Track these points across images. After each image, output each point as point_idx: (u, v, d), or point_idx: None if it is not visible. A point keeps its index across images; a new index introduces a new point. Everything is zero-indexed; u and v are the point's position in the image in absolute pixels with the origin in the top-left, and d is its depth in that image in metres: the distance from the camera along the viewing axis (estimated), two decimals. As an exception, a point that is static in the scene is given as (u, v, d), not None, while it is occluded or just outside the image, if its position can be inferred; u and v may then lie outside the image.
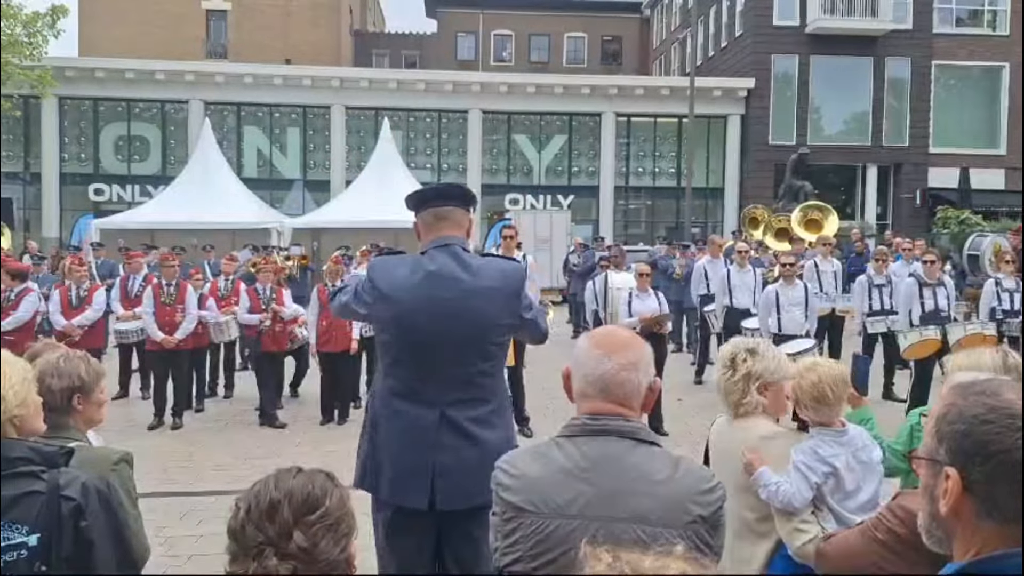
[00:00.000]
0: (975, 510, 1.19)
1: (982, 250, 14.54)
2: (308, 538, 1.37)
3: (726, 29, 29.07)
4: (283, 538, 1.36)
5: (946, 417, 1.23)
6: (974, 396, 1.22)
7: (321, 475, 1.47)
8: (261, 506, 1.38)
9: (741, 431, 2.71)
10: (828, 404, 2.66)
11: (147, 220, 18.57)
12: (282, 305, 8.59)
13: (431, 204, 2.87)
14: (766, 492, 2.58)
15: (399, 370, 2.77)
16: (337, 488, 1.47)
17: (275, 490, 1.40)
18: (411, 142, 26.41)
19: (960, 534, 1.22)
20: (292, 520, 1.37)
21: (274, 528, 1.36)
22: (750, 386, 2.68)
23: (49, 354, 2.29)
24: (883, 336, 9.28)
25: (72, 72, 24.03)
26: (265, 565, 1.34)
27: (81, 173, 25.46)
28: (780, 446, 2.65)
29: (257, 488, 1.41)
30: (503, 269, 2.87)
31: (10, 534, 1.82)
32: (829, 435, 2.67)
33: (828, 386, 2.65)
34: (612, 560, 1.09)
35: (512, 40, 41.24)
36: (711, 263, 11.13)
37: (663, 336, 8.13)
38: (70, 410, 2.27)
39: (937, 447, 1.24)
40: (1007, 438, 1.16)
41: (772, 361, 2.70)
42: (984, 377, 1.38)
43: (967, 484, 1.18)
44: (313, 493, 1.41)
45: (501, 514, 1.75)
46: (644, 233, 26.71)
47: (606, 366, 1.77)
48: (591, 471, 1.71)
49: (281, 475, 1.44)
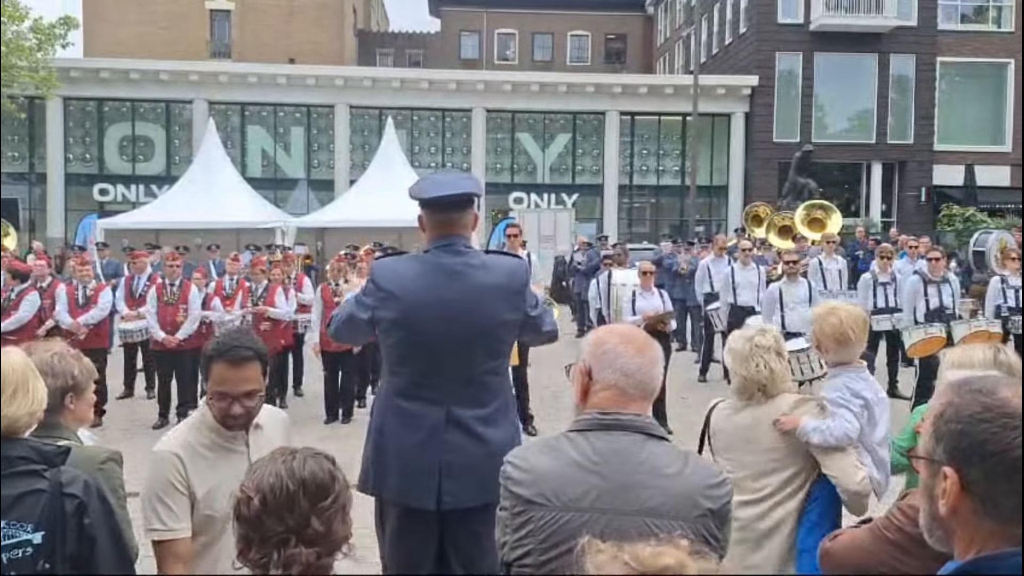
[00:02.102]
0: (974, 509, 1.17)
1: (988, 247, 14.49)
2: (323, 523, 1.49)
3: (730, 27, 29.02)
4: (303, 526, 1.46)
5: (943, 416, 1.22)
6: (970, 394, 1.21)
7: (323, 458, 1.58)
8: (279, 498, 1.47)
9: (764, 409, 2.85)
10: (849, 344, 2.88)
11: (151, 220, 18.60)
12: (273, 304, 8.56)
13: (438, 209, 2.82)
14: (819, 435, 2.74)
15: (404, 369, 2.76)
16: (339, 471, 1.59)
17: (290, 481, 1.48)
18: (415, 141, 26.42)
19: (960, 533, 1.21)
20: (309, 508, 1.47)
21: (294, 518, 1.46)
22: (780, 363, 2.85)
23: (42, 353, 2.28)
24: (887, 334, 9.26)
25: (76, 73, 24.08)
26: (291, 554, 1.44)
27: (86, 173, 25.53)
28: (811, 406, 2.85)
29: (270, 480, 1.49)
30: (507, 266, 2.86)
31: (14, 532, 1.82)
32: (853, 372, 2.90)
33: (849, 327, 2.86)
34: (615, 552, 1.10)
35: (516, 39, 41.22)
36: (714, 261, 11.12)
37: (667, 334, 8.13)
38: (62, 409, 2.27)
39: (935, 446, 1.23)
40: (1004, 437, 1.14)
41: (777, 336, 2.93)
42: (978, 374, 1.37)
43: (965, 483, 1.17)
44: (324, 480, 1.52)
45: (511, 508, 1.75)
46: (648, 231, 26.70)
47: (640, 361, 1.81)
48: (602, 465, 1.72)
49: (291, 465, 1.52)
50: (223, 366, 2.29)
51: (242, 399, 2.30)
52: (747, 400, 2.87)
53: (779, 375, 2.85)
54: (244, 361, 2.29)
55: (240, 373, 2.29)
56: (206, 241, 14.89)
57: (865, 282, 9.52)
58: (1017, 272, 8.96)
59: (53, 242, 22.00)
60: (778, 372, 2.84)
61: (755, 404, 2.86)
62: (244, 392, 2.30)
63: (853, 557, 2.23)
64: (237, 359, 2.28)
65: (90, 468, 2.16)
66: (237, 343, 2.32)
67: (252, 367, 2.31)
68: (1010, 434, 1.14)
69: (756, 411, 2.86)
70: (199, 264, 11.95)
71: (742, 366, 2.84)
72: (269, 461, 1.56)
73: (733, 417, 2.91)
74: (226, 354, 2.29)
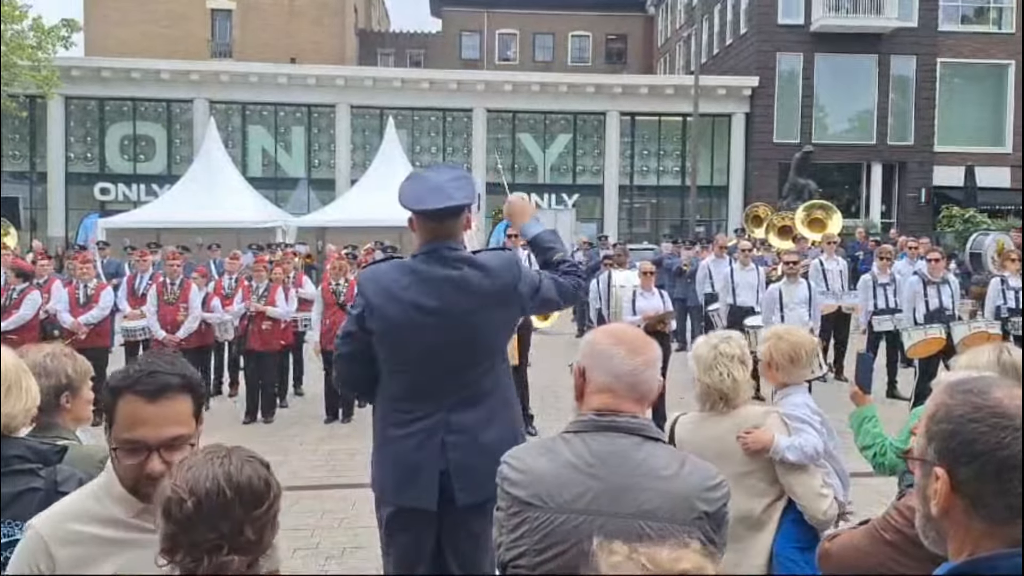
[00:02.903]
0: (964, 510, 1.18)
1: (984, 248, 14.52)
2: (256, 531, 1.40)
3: (730, 27, 29.03)
4: (236, 534, 1.38)
5: (935, 416, 1.23)
6: (961, 395, 1.21)
7: (258, 463, 1.48)
8: (214, 504, 1.38)
9: (731, 420, 2.84)
10: (801, 365, 2.98)
11: (152, 219, 18.61)
12: (274, 303, 8.57)
13: (429, 218, 2.77)
14: (795, 453, 2.77)
15: (399, 378, 2.77)
16: (273, 478, 1.48)
17: (227, 487, 1.39)
18: (416, 141, 26.43)
19: (952, 534, 1.21)
20: (244, 517, 1.39)
21: (228, 526, 1.37)
22: (744, 373, 2.84)
23: (35, 353, 2.27)
24: (887, 334, 9.26)
25: (78, 72, 24.11)
26: (222, 562, 1.36)
27: (87, 172, 25.55)
28: (776, 420, 2.87)
29: (206, 484, 1.39)
30: (497, 265, 2.80)
31: (10, 530, 1.83)
32: (802, 390, 3.03)
33: (804, 350, 2.98)
34: (629, 552, 1.11)
35: (516, 39, 41.23)
36: (715, 262, 11.14)
37: (666, 334, 8.14)
38: (58, 408, 2.27)
39: (927, 447, 1.23)
40: (993, 436, 1.15)
41: (741, 343, 2.93)
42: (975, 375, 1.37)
43: (955, 484, 1.17)
44: (260, 488, 1.43)
45: (506, 508, 1.74)
46: (648, 232, 26.70)
47: (632, 363, 1.80)
48: (598, 467, 1.72)
49: (225, 466, 1.43)
50: (135, 402, 1.61)
51: (164, 450, 1.60)
52: (709, 409, 2.85)
53: (741, 385, 2.83)
54: (166, 393, 1.62)
55: (161, 410, 1.61)
56: (207, 240, 14.89)
57: (865, 283, 9.53)
58: (1017, 273, 8.97)
59: (54, 241, 22.02)
60: (741, 382, 2.82)
61: (718, 413, 2.84)
62: (167, 439, 1.61)
63: (851, 558, 2.24)
64: (155, 390, 1.61)
65: (88, 466, 2.16)
66: (156, 368, 1.64)
67: (179, 402, 1.64)
68: (999, 434, 1.15)
69: (722, 422, 2.84)
70: (199, 263, 11.96)
71: (705, 373, 2.81)
72: (204, 461, 1.43)
73: (699, 429, 2.87)
74: (139, 384, 1.62)
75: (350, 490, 5.88)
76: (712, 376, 2.79)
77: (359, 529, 5.11)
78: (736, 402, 2.83)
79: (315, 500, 5.82)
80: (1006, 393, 1.19)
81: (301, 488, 6.06)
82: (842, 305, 10.18)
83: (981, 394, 1.20)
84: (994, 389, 1.20)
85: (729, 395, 2.80)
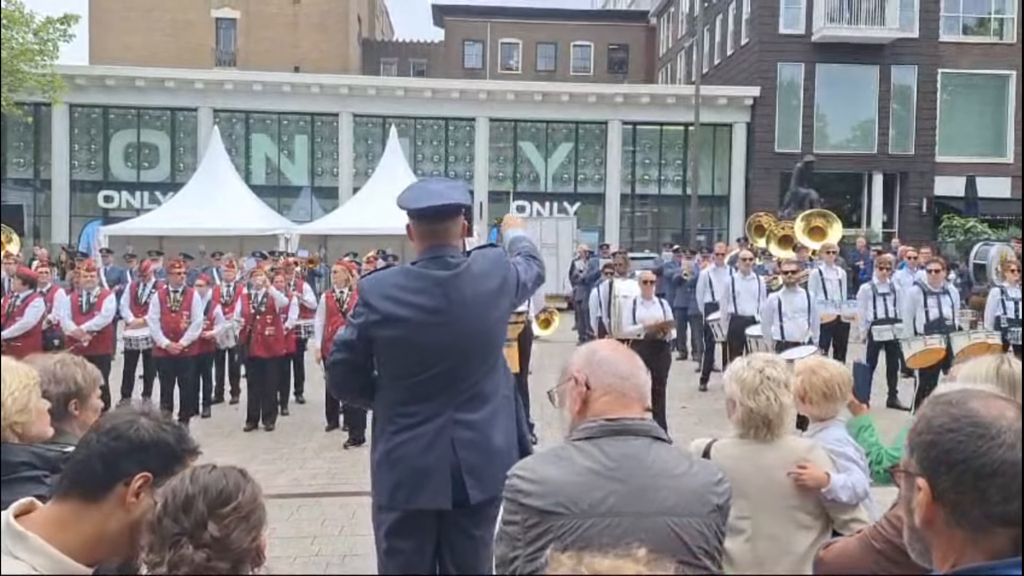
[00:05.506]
0: (945, 519, 1.20)
1: (988, 259, 14.52)
2: (221, 529, 1.46)
3: (732, 37, 29.11)
4: (198, 529, 1.45)
5: (916, 428, 1.26)
6: (941, 406, 1.24)
7: (235, 471, 1.56)
8: (177, 500, 1.47)
9: (776, 452, 2.72)
10: (835, 400, 2.94)
11: (156, 227, 18.69)
12: (273, 310, 8.63)
13: (427, 220, 2.84)
14: (848, 493, 2.72)
15: (402, 382, 2.80)
16: (249, 483, 1.55)
17: (191, 485, 1.49)
18: (418, 149, 26.51)
19: (936, 544, 1.24)
20: (207, 512, 1.46)
21: (189, 520, 1.46)
22: (790, 399, 2.75)
23: (45, 360, 2.29)
24: (887, 344, 9.28)
25: (82, 80, 24.23)
26: (180, 554, 1.43)
27: (91, 180, 25.63)
28: (822, 454, 2.79)
29: (174, 484, 1.50)
30: (490, 265, 2.88)
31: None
32: (840, 424, 2.98)
33: (837, 384, 2.93)
34: (575, 563, 1.14)
35: (519, 48, 41.36)
36: (716, 271, 11.16)
37: (667, 343, 8.16)
38: (67, 416, 2.28)
39: (910, 458, 1.26)
40: (969, 446, 1.17)
41: (786, 368, 2.83)
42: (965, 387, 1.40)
43: (936, 494, 1.20)
44: (227, 488, 1.50)
45: (522, 522, 1.72)
46: (649, 240, 26.72)
47: (631, 365, 1.91)
48: (617, 469, 1.76)
49: (197, 471, 1.53)
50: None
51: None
52: (752, 436, 2.72)
53: (788, 411, 2.73)
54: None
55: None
56: (210, 248, 14.95)
57: (865, 292, 9.55)
58: (1017, 283, 8.98)
59: (58, 249, 22.08)
60: (787, 407, 2.72)
61: (759, 441, 2.71)
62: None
63: (843, 565, 2.27)
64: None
65: None
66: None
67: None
68: (976, 443, 1.17)
69: (766, 452, 2.71)
70: (202, 271, 12.00)
71: (751, 398, 2.67)
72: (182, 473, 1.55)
73: (743, 458, 2.71)
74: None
75: (351, 498, 5.89)
76: (758, 401, 2.66)
77: (360, 537, 5.13)
78: (779, 430, 2.71)
79: (316, 508, 5.84)
80: (983, 403, 1.22)
81: (301, 495, 6.08)
82: (841, 314, 10.20)
83: (959, 405, 1.23)
84: (971, 400, 1.23)
85: (774, 421, 2.68)
